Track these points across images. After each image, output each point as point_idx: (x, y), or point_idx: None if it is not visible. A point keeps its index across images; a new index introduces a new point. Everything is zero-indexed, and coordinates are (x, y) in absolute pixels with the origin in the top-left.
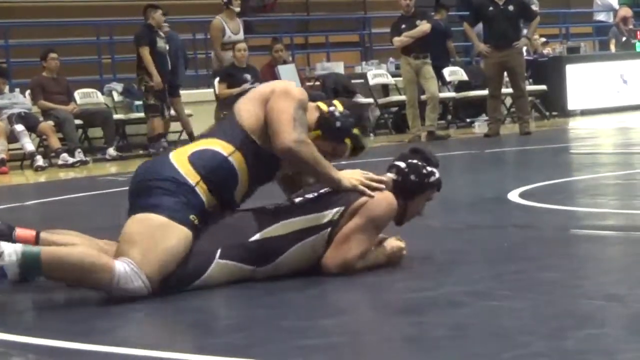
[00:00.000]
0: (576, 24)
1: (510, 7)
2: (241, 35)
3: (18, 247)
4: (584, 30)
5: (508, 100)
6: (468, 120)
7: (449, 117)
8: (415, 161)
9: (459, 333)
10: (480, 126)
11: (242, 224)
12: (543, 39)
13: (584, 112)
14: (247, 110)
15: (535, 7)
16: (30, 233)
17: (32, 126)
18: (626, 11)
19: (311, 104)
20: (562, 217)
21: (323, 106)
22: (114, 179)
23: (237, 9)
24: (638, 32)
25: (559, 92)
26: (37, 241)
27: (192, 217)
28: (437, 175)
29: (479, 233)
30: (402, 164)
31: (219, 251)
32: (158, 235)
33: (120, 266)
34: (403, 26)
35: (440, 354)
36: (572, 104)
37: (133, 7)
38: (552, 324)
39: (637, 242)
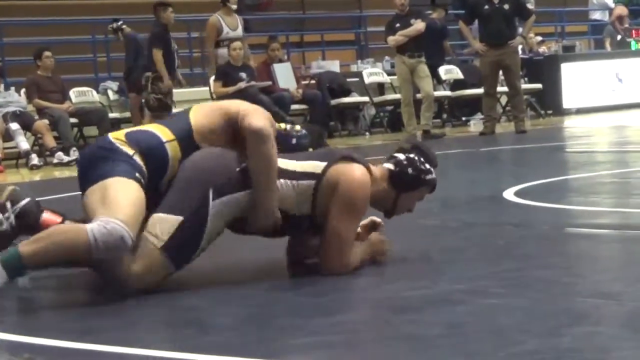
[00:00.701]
0: (571, 22)
1: (506, 6)
2: (239, 32)
3: None
4: (579, 28)
5: (503, 99)
6: (463, 118)
7: (445, 115)
8: (414, 156)
9: (454, 331)
10: (475, 124)
11: (220, 158)
12: (539, 38)
13: (579, 111)
14: (204, 114)
15: (530, 6)
16: (55, 220)
17: (27, 125)
18: (622, 10)
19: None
20: (558, 216)
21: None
22: None
23: (234, 6)
24: (634, 31)
25: (554, 90)
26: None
27: (137, 175)
28: (433, 175)
29: (474, 231)
30: (402, 156)
31: (211, 192)
32: (115, 189)
33: (92, 225)
34: (397, 25)
35: (436, 352)
36: (567, 103)
37: (129, 6)
38: (548, 322)
39: (632, 240)
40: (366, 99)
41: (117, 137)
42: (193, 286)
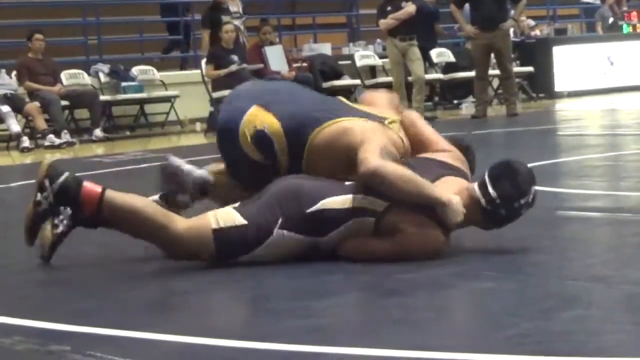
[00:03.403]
0: (563, 5)
1: None
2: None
3: None
4: (571, 12)
5: (495, 82)
6: (455, 101)
7: (436, 98)
8: (508, 190)
9: (445, 315)
10: (467, 107)
11: (300, 193)
12: (532, 22)
13: (571, 94)
14: (326, 137)
15: None
16: (96, 190)
17: (18, 107)
18: None
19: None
20: (549, 199)
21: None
22: (100, 160)
23: None
24: (631, 14)
25: (546, 73)
26: (101, 199)
27: None
28: (528, 203)
29: None
30: (493, 193)
31: (279, 220)
32: None
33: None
34: (389, 8)
35: (427, 336)
36: (559, 86)
37: None
38: (539, 305)
39: (623, 223)
40: (358, 81)
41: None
42: (185, 269)
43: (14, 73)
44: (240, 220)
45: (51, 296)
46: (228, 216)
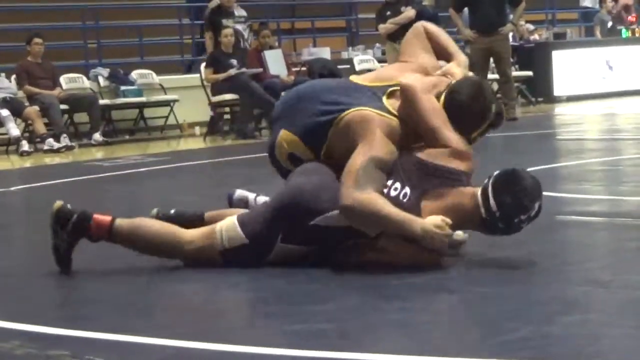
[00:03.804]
0: (562, 9)
1: None
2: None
3: None
4: (570, 16)
5: (494, 86)
6: None
7: None
8: (509, 205)
9: (445, 319)
10: None
11: (301, 201)
12: (531, 27)
13: (570, 98)
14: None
15: None
16: (105, 219)
17: (17, 111)
18: None
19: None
20: (548, 203)
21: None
22: (99, 164)
23: None
24: (630, 17)
25: (545, 77)
26: (110, 229)
27: None
28: (530, 217)
29: None
30: (494, 205)
31: (280, 236)
32: None
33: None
34: (388, 13)
35: (426, 340)
36: (558, 90)
37: None
38: (538, 310)
39: (622, 227)
40: None
41: None
42: (184, 273)
43: (13, 77)
44: (242, 238)
45: (50, 300)
46: (233, 232)
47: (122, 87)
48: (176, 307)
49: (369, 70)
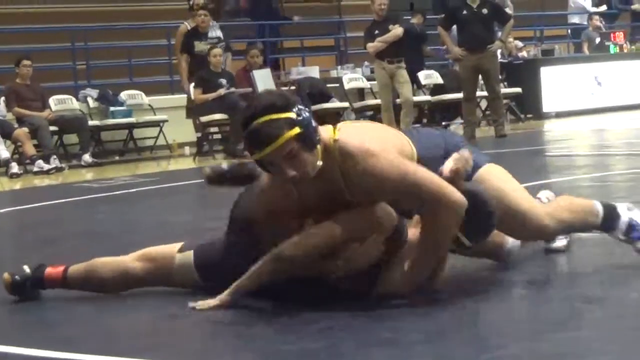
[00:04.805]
0: (550, 26)
1: (484, 10)
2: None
3: None
4: (558, 32)
5: (483, 103)
6: (443, 123)
7: (425, 120)
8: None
9: (435, 337)
10: (455, 129)
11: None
12: (520, 44)
13: (559, 115)
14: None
15: (509, 10)
16: (58, 270)
17: (6, 133)
18: None
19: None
20: None
21: None
22: (89, 185)
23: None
24: (612, 34)
25: (533, 94)
26: (64, 276)
27: None
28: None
29: None
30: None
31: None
32: None
33: None
34: (376, 32)
35: (417, 358)
36: (547, 106)
37: (108, 13)
38: (528, 327)
39: (613, 243)
40: (346, 104)
41: None
42: (170, 294)
43: (2, 99)
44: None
45: (36, 322)
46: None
47: (112, 108)
48: (162, 329)
49: (359, 89)
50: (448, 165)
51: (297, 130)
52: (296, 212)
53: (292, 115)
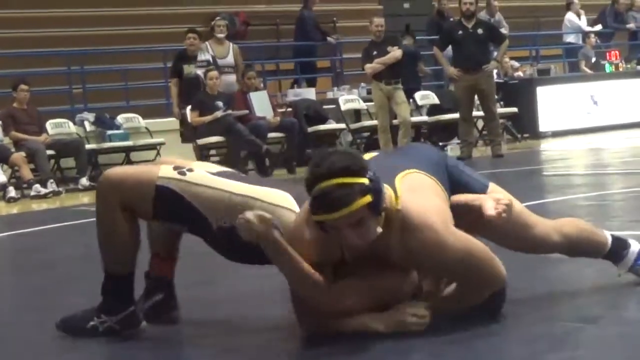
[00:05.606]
0: (546, 46)
1: (480, 31)
2: (229, 60)
3: None
4: (553, 52)
5: (480, 123)
6: (440, 143)
7: (422, 140)
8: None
9: (434, 357)
10: (452, 149)
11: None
12: (516, 64)
13: (555, 134)
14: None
15: (504, 30)
16: None
17: (3, 157)
18: None
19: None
20: None
21: None
22: (86, 209)
23: (220, 35)
24: (608, 54)
25: (530, 114)
26: None
27: None
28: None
29: None
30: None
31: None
32: None
33: None
34: (375, 53)
35: None
36: (543, 126)
37: (103, 37)
38: (527, 347)
39: (611, 263)
40: (343, 125)
41: None
42: (163, 321)
43: None
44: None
45: (33, 348)
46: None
47: (109, 132)
48: (157, 355)
49: (355, 110)
50: (491, 205)
51: (369, 198)
52: (330, 261)
53: (365, 181)
